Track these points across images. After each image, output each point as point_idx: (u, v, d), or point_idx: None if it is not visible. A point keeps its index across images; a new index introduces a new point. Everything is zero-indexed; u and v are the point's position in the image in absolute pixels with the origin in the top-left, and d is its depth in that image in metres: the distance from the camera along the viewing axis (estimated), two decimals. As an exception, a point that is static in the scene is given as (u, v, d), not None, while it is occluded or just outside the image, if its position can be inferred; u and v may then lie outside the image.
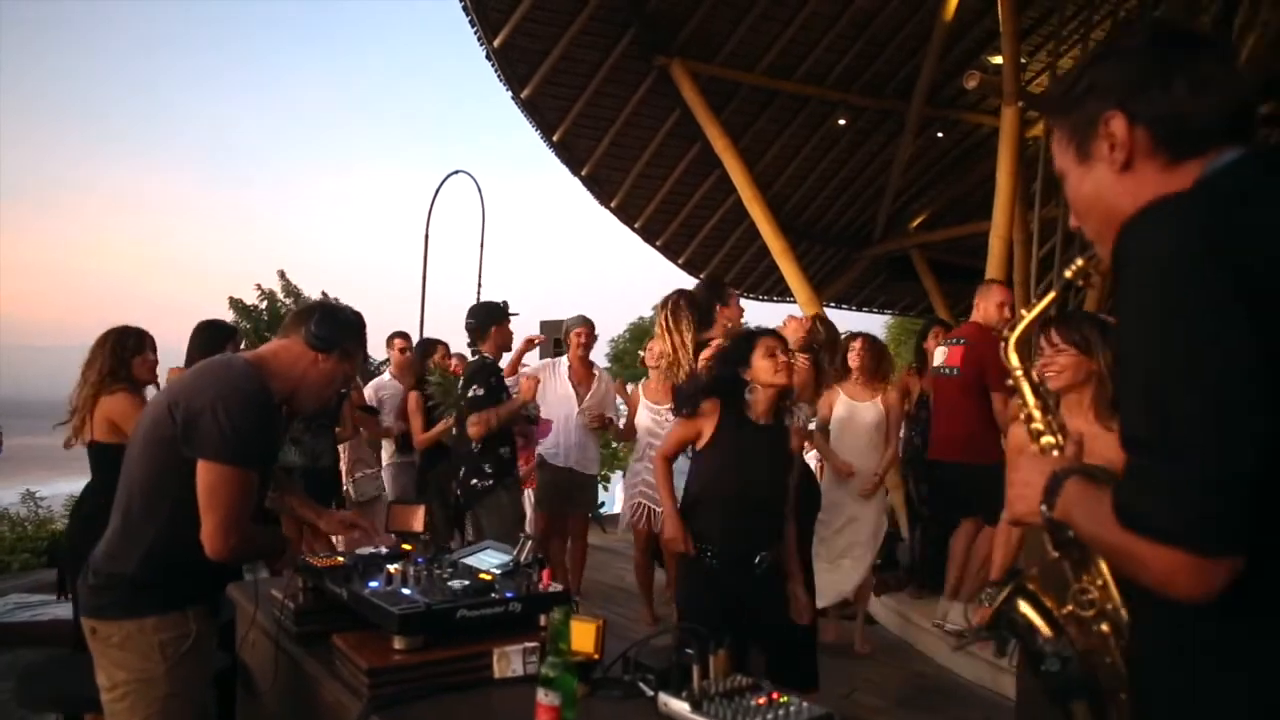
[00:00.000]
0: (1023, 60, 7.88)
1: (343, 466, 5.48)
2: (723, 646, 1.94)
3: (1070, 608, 1.31)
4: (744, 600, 2.95)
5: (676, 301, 4.23)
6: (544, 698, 1.57)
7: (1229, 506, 0.89)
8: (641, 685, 1.93)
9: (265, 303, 16.31)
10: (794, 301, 10.18)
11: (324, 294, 16.97)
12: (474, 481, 4.37)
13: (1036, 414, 1.40)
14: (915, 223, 12.05)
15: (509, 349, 4.87)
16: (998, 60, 7.99)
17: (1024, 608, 1.36)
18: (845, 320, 11.49)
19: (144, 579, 2.09)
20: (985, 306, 4.91)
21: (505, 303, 4.74)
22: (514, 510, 4.48)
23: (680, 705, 1.77)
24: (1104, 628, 1.27)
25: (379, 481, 5.92)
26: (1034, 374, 1.45)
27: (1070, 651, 1.30)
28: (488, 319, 4.55)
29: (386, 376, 6.40)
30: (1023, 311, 1.48)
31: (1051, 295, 1.51)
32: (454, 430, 4.57)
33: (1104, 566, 1.26)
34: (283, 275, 16.41)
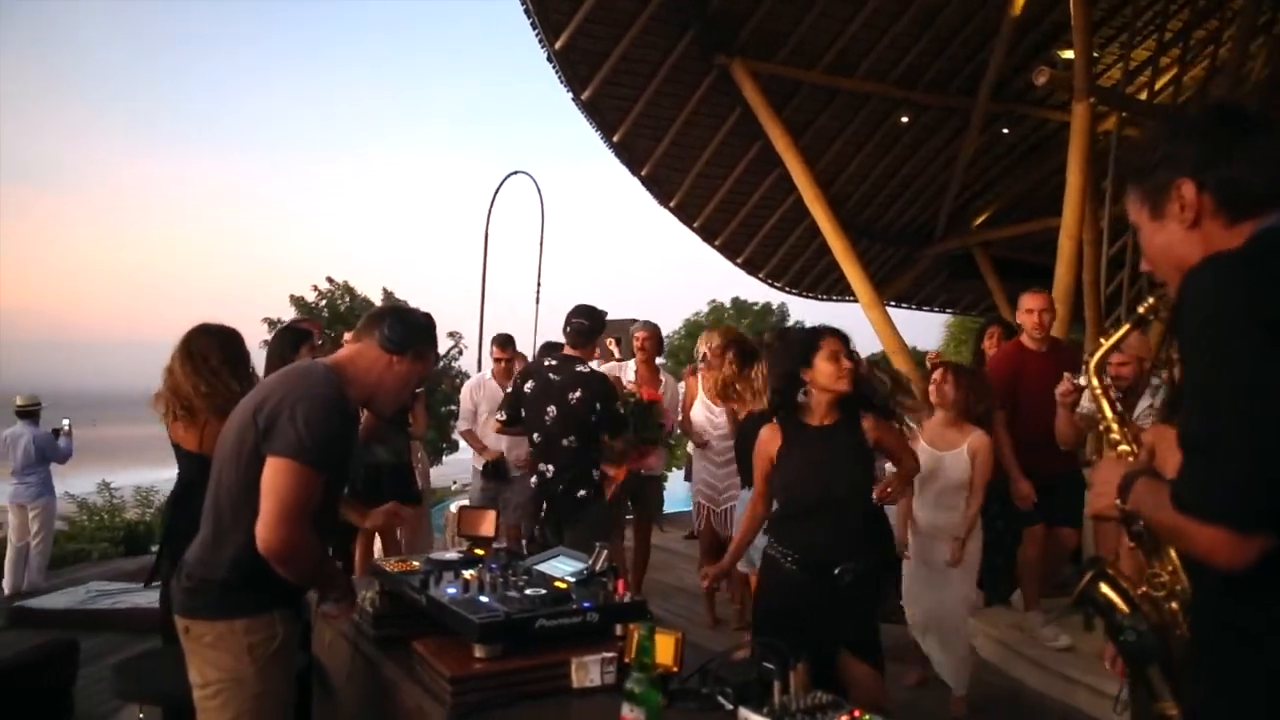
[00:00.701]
0: (1094, 54, 7.67)
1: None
2: (801, 661, 1.93)
3: (1145, 589, 1.55)
4: (823, 611, 2.84)
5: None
6: (629, 713, 1.58)
7: (1259, 498, 1.15)
8: (720, 699, 1.93)
9: (324, 301, 16.91)
10: (854, 300, 10.07)
11: (385, 290, 17.44)
12: (580, 492, 4.28)
13: (1114, 426, 1.66)
14: (978, 220, 11.84)
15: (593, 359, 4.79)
16: (1068, 55, 7.81)
17: (1105, 589, 1.60)
18: (906, 320, 11.30)
19: (234, 583, 2.14)
20: (1017, 315, 4.81)
21: (605, 313, 4.62)
22: (609, 521, 4.47)
23: (761, 721, 1.77)
24: (1173, 605, 1.51)
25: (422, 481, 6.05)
26: (1111, 392, 1.71)
27: (1145, 625, 1.54)
28: (600, 326, 4.47)
29: (487, 375, 6.20)
30: (1101, 340, 1.77)
31: (1126, 328, 1.76)
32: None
33: (1173, 554, 1.48)
34: (330, 280, 17.05)
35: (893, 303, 11.86)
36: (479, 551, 2.81)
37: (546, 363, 4.45)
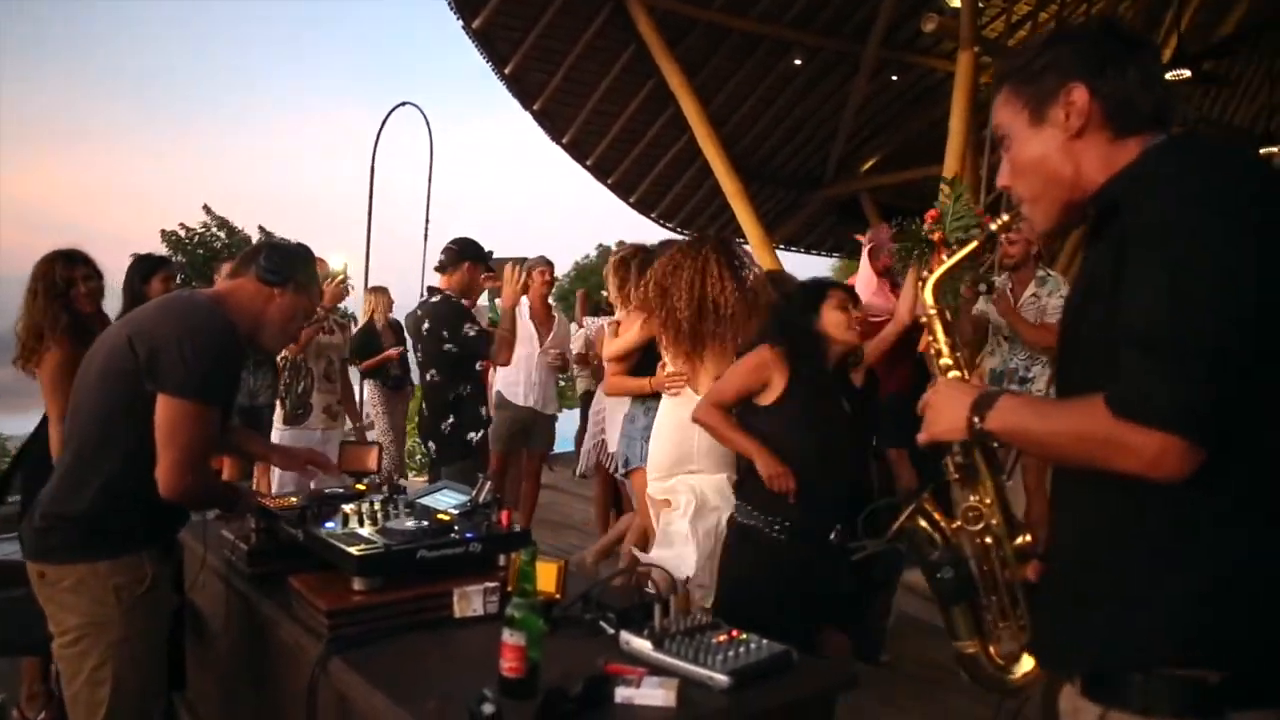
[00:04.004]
0: (979, 5, 7.85)
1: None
2: (680, 589, 1.97)
3: (959, 523, 1.46)
4: (811, 577, 2.62)
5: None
6: (509, 638, 1.57)
7: (1216, 408, 1.06)
8: (603, 624, 1.95)
9: (197, 237, 16.09)
10: (744, 242, 10.17)
11: (261, 229, 16.69)
12: (471, 435, 4.13)
13: (946, 349, 1.53)
14: (866, 166, 12.09)
15: (470, 295, 4.61)
16: (956, 3, 7.96)
17: (923, 524, 1.49)
18: (794, 263, 11.54)
19: (96, 519, 2.02)
20: None
21: (489, 253, 4.37)
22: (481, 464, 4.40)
23: (642, 643, 1.79)
24: (988, 539, 1.43)
25: None
26: (946, 314, 1.57)
27: (960, 561, 1.44)
28: (465, 253, 4.22)
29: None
30: (942, 256, 1.66)
31: (973, 244, 1.58)
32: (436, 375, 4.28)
33: (990, 485, 1.42)
34: (208, 210, 16.24)
35: (782, 245, 12.06)
36: (360, 486, 2.75)
37: (419, 302, 4.28)
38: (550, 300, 5.86)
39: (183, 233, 16.31)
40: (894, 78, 11.17)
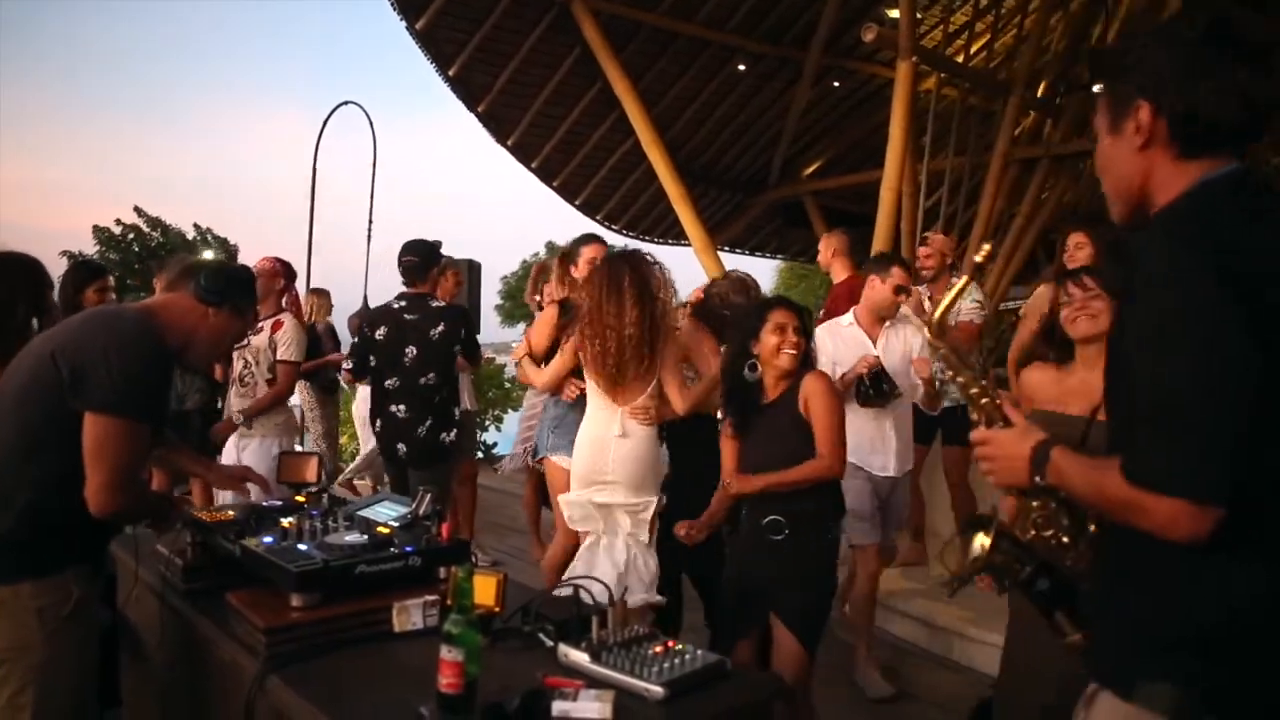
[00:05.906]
0: (918, 15, 8.02)
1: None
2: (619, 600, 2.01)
3: (1033, 533, 1.53)
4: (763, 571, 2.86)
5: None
6: (447, 654, 1.59)
7: (1220, 470, 1.14)
8: (541, 636, 1.97)
9: (132, 235, 15.65)
10: (689, 245, 10.25)
11: (195, 226, 16.35)
12: (443, 435, 4.24)
13: (970, 380, 1.60)
14: (809, 170, 12.25)
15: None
16: (894, 14, 8.12)
17: (1006, 547, 1.53)
18: (740, 265, 11.65)
19: (20, 540, 1.98)
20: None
21: (437, 243, 4.51)
22: (458, 465, 4.47)
23: (580, 656, 1.82)
24: (1064, 539, 1.51)
25: None
26: (959, 350, 1.65)
27: (1051, 568, 1.52)
28: (431, 258, 4.38)
29: None
30: (937, 298, 1.66)
31: (965, 280, 1.77)
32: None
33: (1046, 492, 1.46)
34: (139, 211, 15.84)
35: (726, 248, 12.18)
36: (300, 498, 2.73)
37: (395, 305, 4.36)
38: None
39: (118, 229, 15.83)
40: (836, 84, 11.33)
